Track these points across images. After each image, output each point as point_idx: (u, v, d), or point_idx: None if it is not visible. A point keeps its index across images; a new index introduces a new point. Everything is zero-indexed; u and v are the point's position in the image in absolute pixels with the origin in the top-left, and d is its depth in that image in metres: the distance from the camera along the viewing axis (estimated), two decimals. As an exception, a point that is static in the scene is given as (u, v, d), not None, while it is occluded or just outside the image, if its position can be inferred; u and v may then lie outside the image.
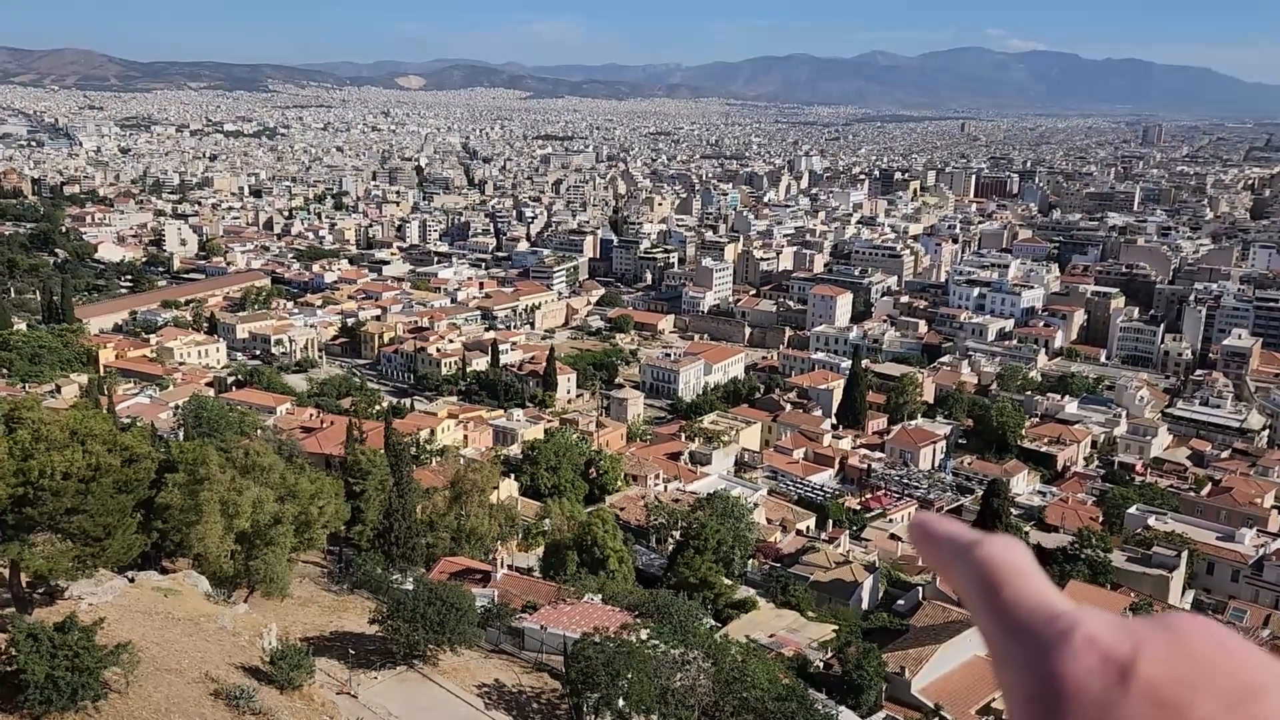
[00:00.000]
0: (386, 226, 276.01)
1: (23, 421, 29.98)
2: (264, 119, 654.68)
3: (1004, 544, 1.40)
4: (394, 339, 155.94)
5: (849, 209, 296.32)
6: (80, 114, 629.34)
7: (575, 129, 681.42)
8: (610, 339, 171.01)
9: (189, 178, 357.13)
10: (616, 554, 59.93)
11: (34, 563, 28.85)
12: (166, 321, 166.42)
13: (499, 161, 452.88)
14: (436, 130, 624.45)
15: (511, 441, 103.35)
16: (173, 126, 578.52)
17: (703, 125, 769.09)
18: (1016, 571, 1.35)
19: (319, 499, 45.80)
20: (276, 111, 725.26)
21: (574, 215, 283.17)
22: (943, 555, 1.42)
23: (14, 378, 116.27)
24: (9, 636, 26.16)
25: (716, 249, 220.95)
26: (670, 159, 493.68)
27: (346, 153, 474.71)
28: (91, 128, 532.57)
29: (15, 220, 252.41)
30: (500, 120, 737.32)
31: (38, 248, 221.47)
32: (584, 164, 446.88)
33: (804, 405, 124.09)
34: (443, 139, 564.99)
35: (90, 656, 25.88)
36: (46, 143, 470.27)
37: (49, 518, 28.73)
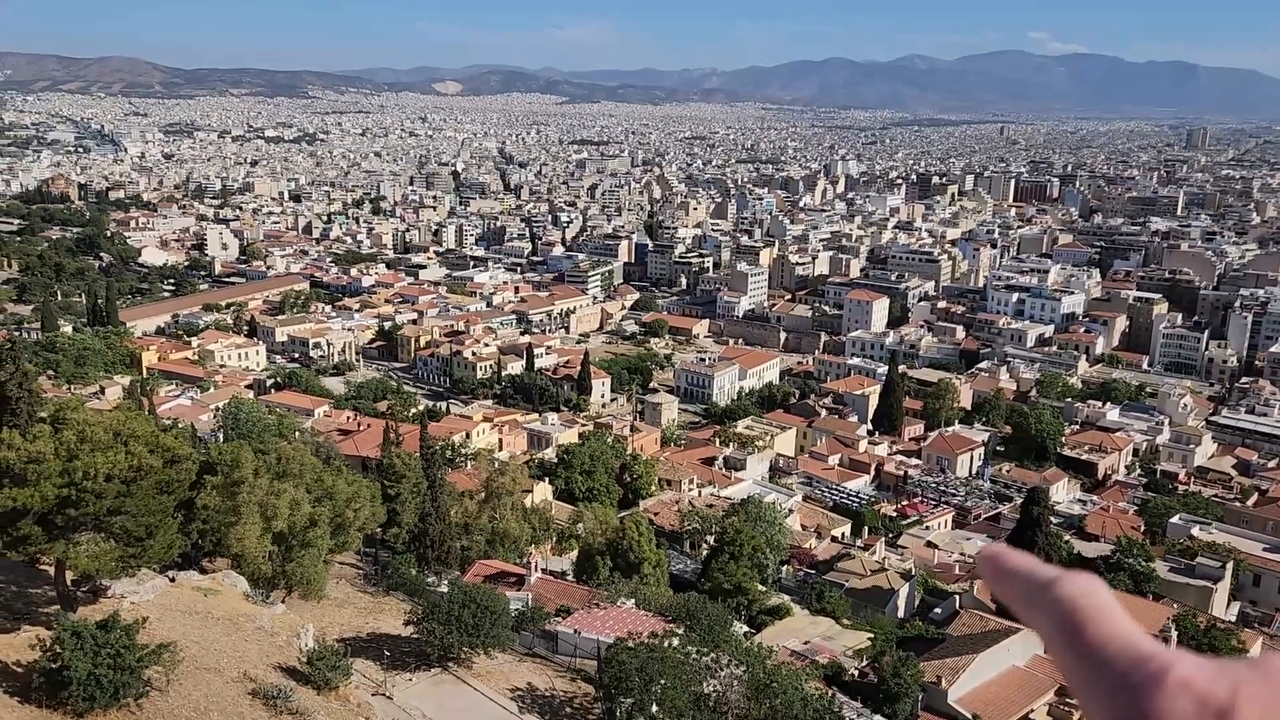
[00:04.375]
0: (423, 231, 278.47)
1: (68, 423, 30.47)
2: (304, 125, 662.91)
3: (1085, 581, 1.37)
4: (430, 342, 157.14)
5: (885, 213, 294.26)
6: (126, 120, 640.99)
7: (611, 134, 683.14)
8: (645, 343, 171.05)
9: (230, 183, 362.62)
10: (650, 559, 59.82)
11: (79, 562, 29.31)
12: (208, 324, 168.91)
13: (535, 166, 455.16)
14: (473, 135, 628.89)
15: (546, 445, 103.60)
16: (215, 132, 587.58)
17: (738, 130, 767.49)
18: (1100, 610, 1.31)
19: (355, 501, 46.17)
20: (316, 117, 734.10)
21: (609, 220, 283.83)
22: (1018, 592, 1.38)
23: (60, 379, 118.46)
24: (54, 634, 26.60)
25: (751, 254, 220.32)
26: (706, 163, 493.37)
27: (384, 158, 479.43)
28: (136, 134, 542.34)
29: (62, 225, 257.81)
30: (536, 125, 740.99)
31: (84, 252, 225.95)
32: (619, 169, 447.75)
33: (839, 411, 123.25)
34: (479, 144, 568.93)
35: (132, 655, 26.24)
36: (93, 149, 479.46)
37: (93, 518, 29.17)
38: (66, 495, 28.33)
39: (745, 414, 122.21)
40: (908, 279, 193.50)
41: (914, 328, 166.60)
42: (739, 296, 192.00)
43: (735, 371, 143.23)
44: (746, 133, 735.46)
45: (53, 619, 29.75)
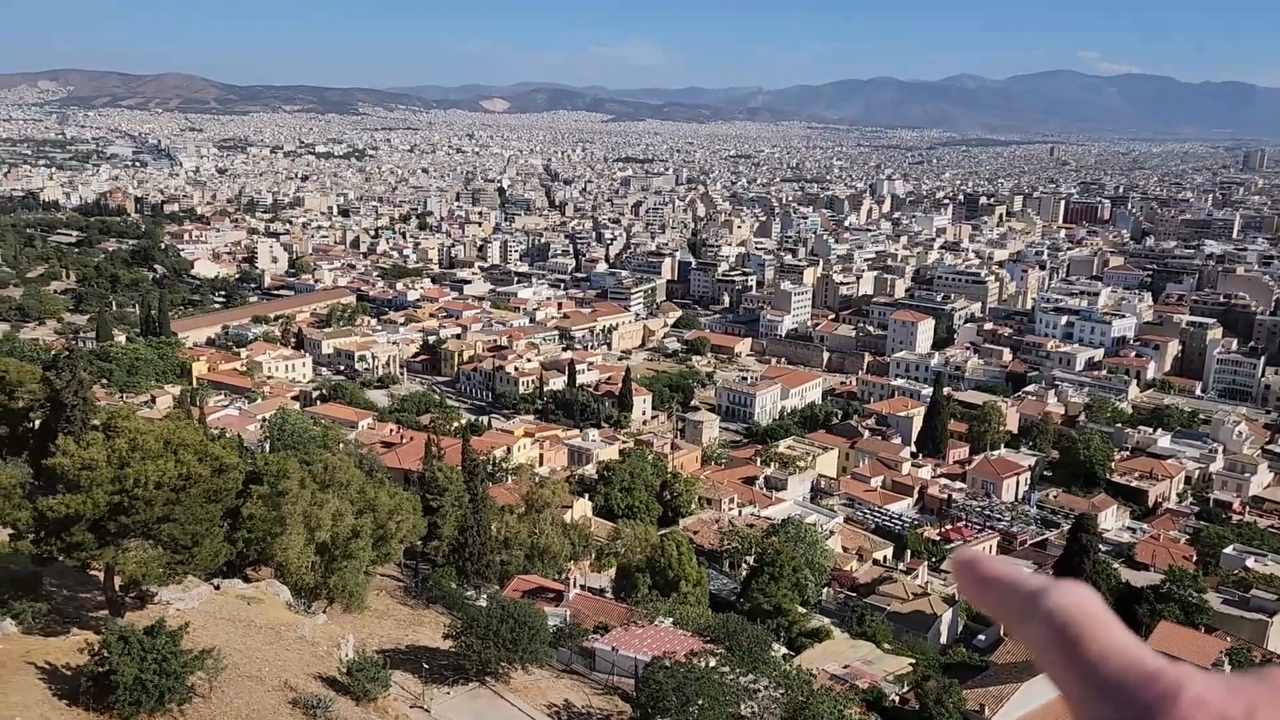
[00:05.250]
0: (468, 246, 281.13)
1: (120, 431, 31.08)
2: (354, 141, 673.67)
3: (1077, 591, 1.27)
4: (473, 357, 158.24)
5: (932, 234, 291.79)
6: (181, 135, 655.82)
7: (656, 151, 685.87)
8: (687, 361, 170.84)
9: (281, 197, 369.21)
10: (689, 578, 59.50)
11: (127, 568, 29.84)
12: (256, 336, 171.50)
13: (579, 183, 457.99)
14: (519, 152, 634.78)
15: (586, 461, 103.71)
16: (267, 148, 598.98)
17: (783, 148, 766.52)
18: (1098, 623, 1.22)
19: (397, 514, 46.57)
20: (366, 134, 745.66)
21: (653, 237, 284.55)
22: (1003, 602, 1.28)
23: (113, 387, 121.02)
24: (102, 639, 27.05)
25: (795, 272, 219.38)
26: (750, 182, 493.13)
27: (431, 174, 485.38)
28: (191, 149, 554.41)
29: (119, 237, 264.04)
30: (582, 143, 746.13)
31: (138, 263, 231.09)
32: (664, 186, 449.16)
33: (883, 432, 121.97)
34: (525, 161, 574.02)
35: (177, 661, 26.61)
36: (149, 163, 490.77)
37: (142, 525, 29.68)
38: (118, 502, 28.87)
39: (787, 434, 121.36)
40: (954, 300, 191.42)
41: (960, 349, 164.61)
42: (782, 315, 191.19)
43: (777, 391, 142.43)
44: (792, 151, 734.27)
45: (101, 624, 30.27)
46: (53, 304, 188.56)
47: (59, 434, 38.12)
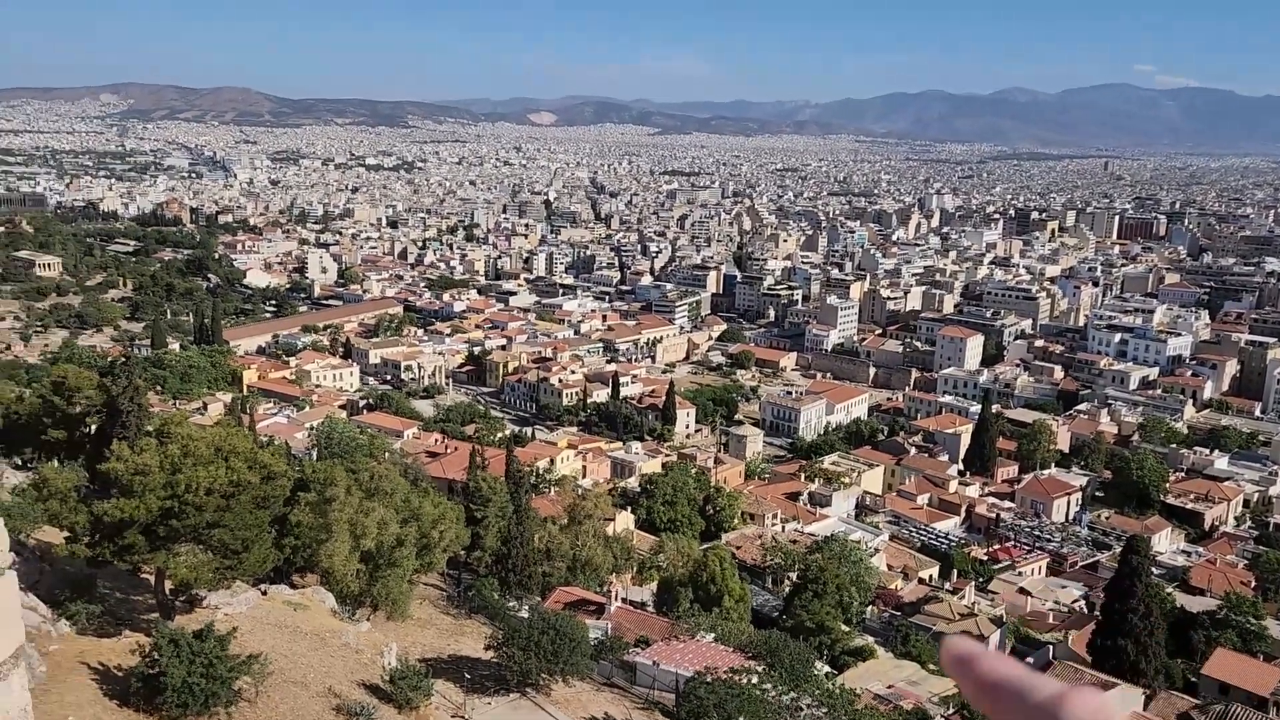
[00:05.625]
0: (514, 258, 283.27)
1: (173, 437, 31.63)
2: (403, 153, 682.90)
3: (1098, 702, 1.15)
4: (518, 368, 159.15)
5: (981, 249, 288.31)
6: (236, 148, 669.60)
7: (702, 165, 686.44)
8: (731, 375, 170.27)
9: (331, 209, 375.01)
10: (732, 593, 59.09)
11: (178, 572, 30.29)
12: (305, 345, 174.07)
13: (625, 196, 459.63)
14: (566, 165, 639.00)
15: (629, 474, 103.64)
16: (319, 160, 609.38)
17: (831, 162, 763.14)
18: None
19: (440, 523, 46.83)
20: (415, 146, 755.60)
21: (698, 250, 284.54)
22: (1011, 708, 1.15)
23: (166, 394, 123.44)
24: (152, 641, 27.46)
25: (842, 287, 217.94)
26: (797, 195, 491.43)
27: (479, 186, 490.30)
28: (245, 160, 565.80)
29: (174, 247, 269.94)
30: (628, 156, 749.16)
31: (193, 273, 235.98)
32: (709, 200, 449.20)
33: (929, 449, 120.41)
34: (571, 174, 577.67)
35: (224, 665, 26.91)
36: (205, 174, 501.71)
37: (193, 530, 30.14)
38: (169, 507, 29.35)
39: (832, 449, 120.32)
40: (1004, 316, 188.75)
41: (1009, 366, 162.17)
42: (828, 330, 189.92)
43: (822, 406, 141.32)
44: (839, 165, 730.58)
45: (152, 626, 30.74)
46: (110, 312, 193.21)
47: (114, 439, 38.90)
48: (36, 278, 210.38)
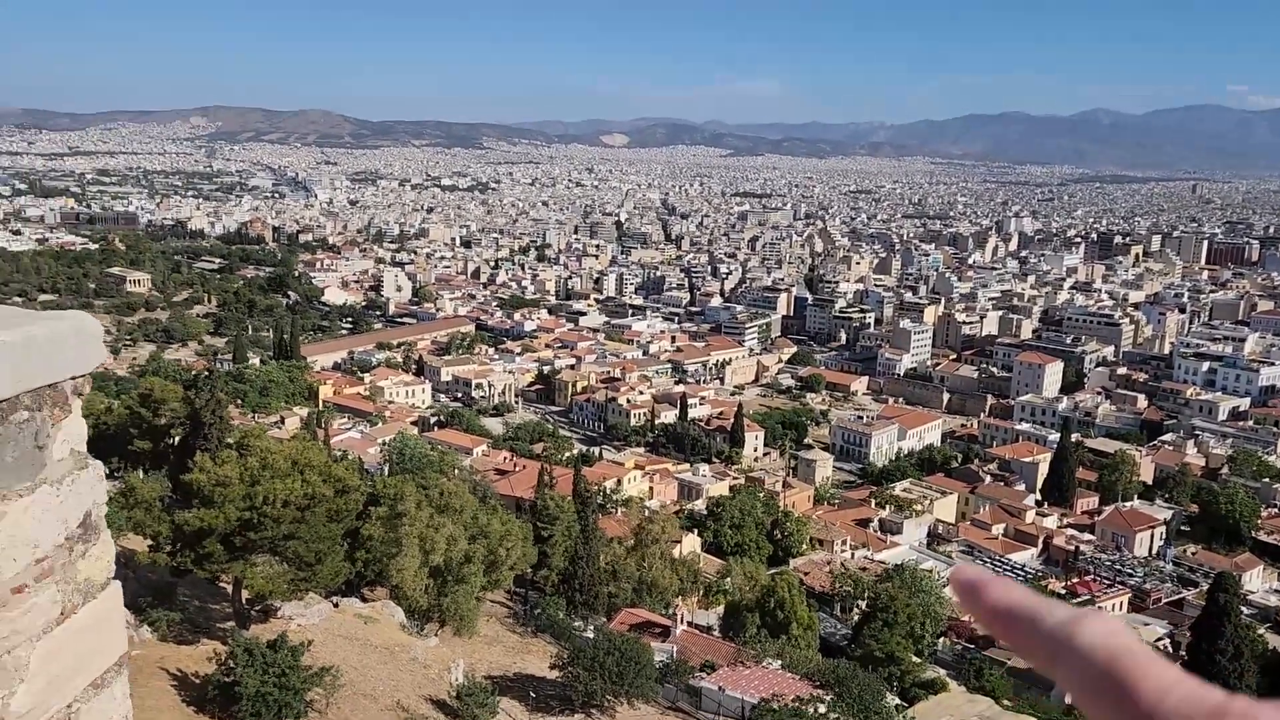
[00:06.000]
0: (585, 278, 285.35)
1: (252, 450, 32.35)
2: (478, 174, 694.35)
3: (1110, 624, 1.14)
4: (586, 388, 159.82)
5: (1062, 273, 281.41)
6: (317, 169, 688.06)
7: (774, 186, 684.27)
8: (801, 398, 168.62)
9: (407, 228, 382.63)
10: (800, 620, 58.20)
11: (254, 582, 30.91)
12: (379, 362, 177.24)
13: (696, 218, 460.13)
14: (637, 186, 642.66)
15: (696, 496, 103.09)
16: (396, 181, 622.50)
17: (905, 184, 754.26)
18: (1143, 658, 1.10)
19: (508, 540, 47.05)
20: (490, 167, 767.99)
21: (769, 272, 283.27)
22: (1023, 638, 1.15)
23: (246, 408, 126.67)
24: (229, 649, 28.01)
25: (916, 310, 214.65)
26: (870, 218, 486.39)
27: (551, 207, 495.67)
28: (326, 181, 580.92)
29: (256, 264, 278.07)
30: (699, 177, 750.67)
31: (274, 290, 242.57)
32: (781, 221, 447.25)
33: (1005, 478, 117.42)
34: (642, 195, 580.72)
35: (296, 675, 27.30)
36: (287, 194, 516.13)
37: (269, 541, 30.73)
38: (248, 518, 29.97)
39: (903, 475, 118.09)
40: (1084, 342, 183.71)
41: (1090, 394, 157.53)
42: (901, 354, 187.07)
43: (894, 431, 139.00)
44: (914, 187, 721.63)
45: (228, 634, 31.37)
46: (195, 327, 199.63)
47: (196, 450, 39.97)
48: (127, 293, 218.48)
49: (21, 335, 2.91)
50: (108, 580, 3.39)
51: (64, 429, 3.13)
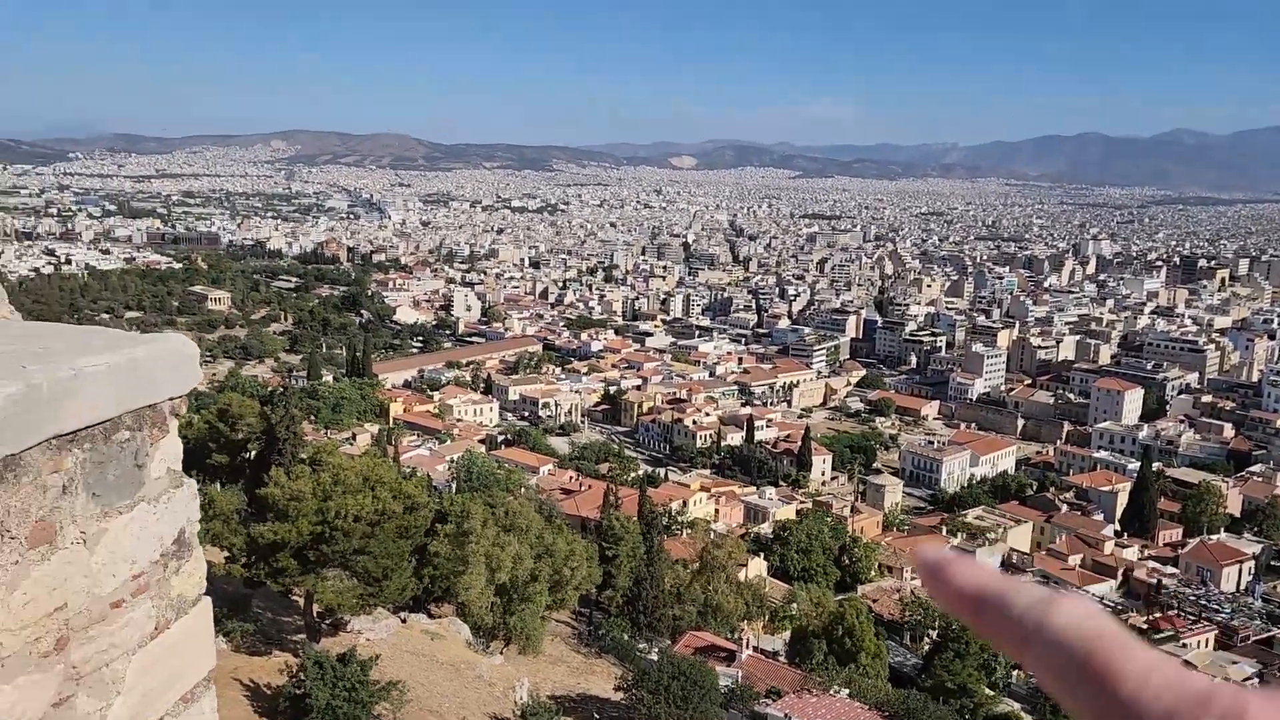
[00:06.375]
0: (652, 299, 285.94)
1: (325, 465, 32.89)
2: (547, 196, 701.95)
3: (1084, 606, 1.05)
4: (652, 409, 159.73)
5: (1142, 297, 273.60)
6: (391, 190, 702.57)
7: (843, 208, 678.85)
8: (869, 422, 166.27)
9: (477, 249, 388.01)
10: (868, 648, 57.03)
11: (325, 596, 31.34)
12: (448, 380, 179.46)
13: (764, 239, 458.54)
14: (705, 208, 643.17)
15: (762, 519, 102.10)
16: (467, 202, 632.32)
17: (979, 205, 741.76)
18: (1120, 642, 1.01)
19: (573, 560, 47.05)
20: (559, 189, 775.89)
21: (837, 294, 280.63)
22: (992, 623, 1.05)
23: (319, 423, 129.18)
24: (299, 662, 28.38)
25: (989, 334, 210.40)
26: (942, 240, 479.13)
27: (619, 228, 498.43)
28: (399, 203, 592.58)
29: (331, 283, 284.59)
30: (768, 199, 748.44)
31: (347, 308, 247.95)
32: (850, 243, 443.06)
33: (1082, 507, 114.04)
34: (710, 216, 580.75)
35: (365, 690, 27.54)
36: (361, 215, 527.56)
37: (340, 555, 31.15)
38: (320, 532, 30.42)
39: (976, 503, 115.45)
40: (1166, 369, 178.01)
41: (1172, 422, 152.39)
42: (973, 378, 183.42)
43: (966, 457, 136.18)
44: (988, 209, 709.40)
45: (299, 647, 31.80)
46: (272, 344, 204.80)
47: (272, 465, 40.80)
48: (208, 311, 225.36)
49: (125, 357, 3.03)
50: (199, 596, 3.47)
51: (162, 448, 3.23)
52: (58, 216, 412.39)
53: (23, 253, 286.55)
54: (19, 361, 2.88)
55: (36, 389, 2.73)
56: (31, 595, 2.73)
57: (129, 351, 3.08)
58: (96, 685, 2.99)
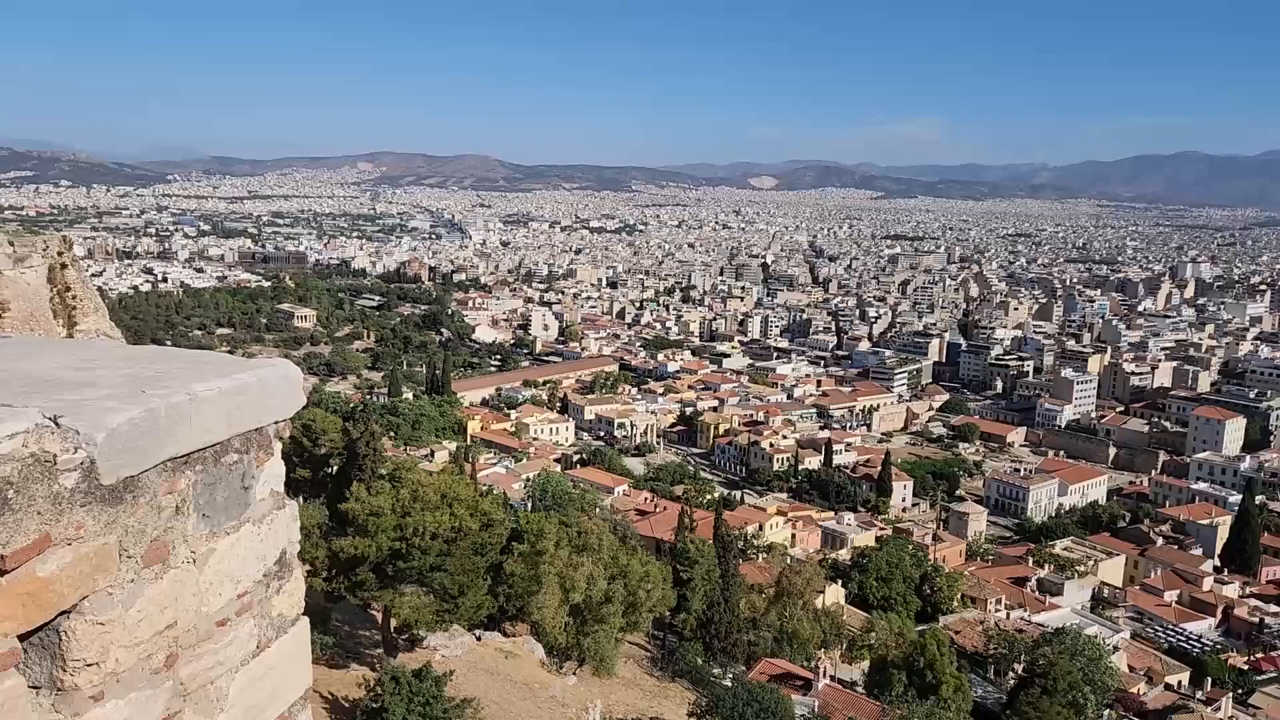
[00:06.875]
0: (729, 320, 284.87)
1: (404, 481, 33.30)
2: (625, 217, 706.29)
3: None
4: (729, 430, 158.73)
5: (1244, 322, 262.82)
6: (473, 211, 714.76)
7: (927, 229, 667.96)
8: (952, 448, 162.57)
9: (556, 269, 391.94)
10: (950, 681, 55.34)
11: (401, 611, 31.65)
12: (525, 399, 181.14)
13: (844, 260, 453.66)
14: (784, 228, 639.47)
15: (840, 546, 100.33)
16: (546, 223, 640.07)
17: (1069, 227, 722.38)
18: None
19: (647, 582, 46.65)
20: (637, 210, 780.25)
21: (920, 317, 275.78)
22: None
23: (399, 440, 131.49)
24: (377, 676, 28.66)
25: (1079, 359, 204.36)
26: (1030, 262, 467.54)
27: (697, 249, 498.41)
28: (480, 223, 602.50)
29: (413, 302, 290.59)
30: (849, 219, 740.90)
31: (428, 327, 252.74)
32: (934, 265, 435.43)
33: (1179, 541, 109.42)
34: (790, 237, 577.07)
35: (439, 706, 27.63)
36: (443, 236, 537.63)
37: (417, 571, 31.44)
38: (398, 548, 30.74)
39: (1064, 533, 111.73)
40: (1270, 397, 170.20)
41: (1277, 453, 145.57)
42: (1062, 405, 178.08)
43: (1054, 486, 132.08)
44: (1078, 230, 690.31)
45: (376, 661, 32.16)
46: (354, 361, 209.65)
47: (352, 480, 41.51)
48: (294, 328, 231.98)
49: (235, 383, 3.18)
50: (298, 616, 3.60)
51: (266, 471, 3.41)
52: (156, 236, 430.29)
53: (123, 271, 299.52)
54: (138, 385, 3.01)
55: (154, 413, 2.84)
56: (145, 613, 2.84)
57: (239, 376, 3.21)
58: (202, 701, 3.10)
